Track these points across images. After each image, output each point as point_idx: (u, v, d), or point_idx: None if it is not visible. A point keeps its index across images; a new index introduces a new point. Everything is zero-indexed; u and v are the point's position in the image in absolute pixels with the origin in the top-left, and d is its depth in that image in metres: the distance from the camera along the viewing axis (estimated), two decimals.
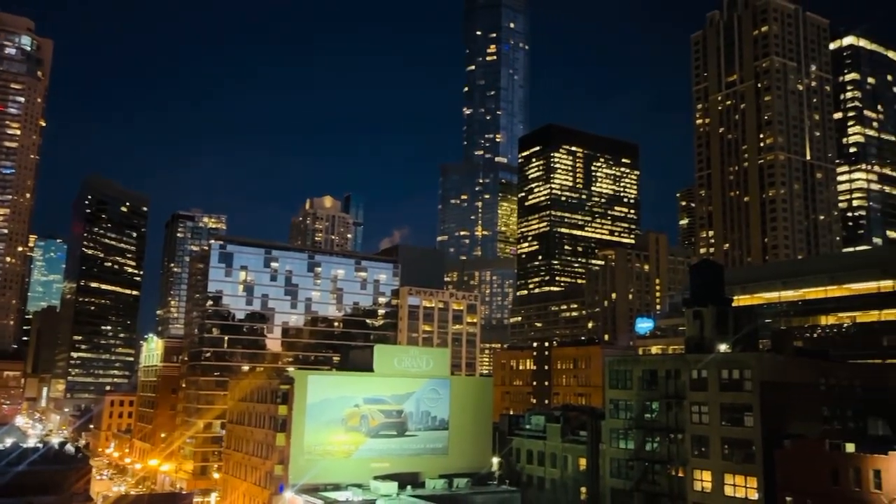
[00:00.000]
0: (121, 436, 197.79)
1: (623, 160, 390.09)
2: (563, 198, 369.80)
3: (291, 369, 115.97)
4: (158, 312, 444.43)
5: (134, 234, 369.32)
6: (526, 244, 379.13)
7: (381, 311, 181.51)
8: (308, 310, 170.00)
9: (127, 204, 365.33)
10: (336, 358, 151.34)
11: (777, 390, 67.67)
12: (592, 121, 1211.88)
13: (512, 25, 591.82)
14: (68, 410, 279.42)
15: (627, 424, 77.99)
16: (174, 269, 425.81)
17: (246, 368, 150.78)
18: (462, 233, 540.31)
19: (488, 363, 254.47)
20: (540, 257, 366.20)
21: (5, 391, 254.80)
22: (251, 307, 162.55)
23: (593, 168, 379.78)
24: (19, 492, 77.04)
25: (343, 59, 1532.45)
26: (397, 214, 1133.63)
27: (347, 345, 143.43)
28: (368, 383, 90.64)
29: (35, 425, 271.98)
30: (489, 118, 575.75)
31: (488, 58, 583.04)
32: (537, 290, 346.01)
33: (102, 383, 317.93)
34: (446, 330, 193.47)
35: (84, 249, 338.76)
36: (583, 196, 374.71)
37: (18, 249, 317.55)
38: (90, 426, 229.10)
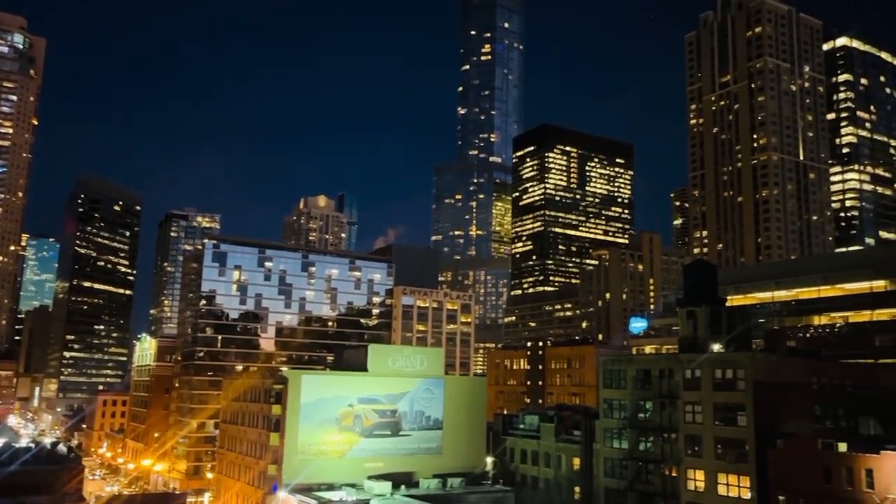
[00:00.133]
0: (113, 435, 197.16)
1: (617, 160, 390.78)
2: (558, 198, 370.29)
3: (285, 369, 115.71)
4: (152, 312, 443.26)
5: (127, 234, 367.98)
6: (520, 244, 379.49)
7: (376, 311, 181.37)
8: (302, 309, 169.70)
9: (120, 203, 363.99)
10: (330, 358, 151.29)
11: (770, 390, 67.92)
12: (587, 121, 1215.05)
13: (506, 25, 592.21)
14: (61, 410, 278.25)
15: (621, 424, 78.14)
16: (168, 269, 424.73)
17: (240, 368, 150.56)
18: (456, 232, 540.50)
19: (482, 363, 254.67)
20: (534, 257, 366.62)
21: None
22: (245, 307, 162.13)
23: (587, 168, 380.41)
24: (11, 492, 76.71)
25: (337, 60, 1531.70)
26: (392, 214, 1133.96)
27: (341, 344, 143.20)
28: (362, 383, 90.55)
29: (27, 425, 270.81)
30: (483, 118, 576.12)
31: (483, 57, 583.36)
32: (531, 290, 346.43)
33: (95, 383, 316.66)
34: (440, 330, 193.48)
35: (77, 248, 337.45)
36: (577, 196, 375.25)
37: (11, 248, 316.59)
38: (83, 426, 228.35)
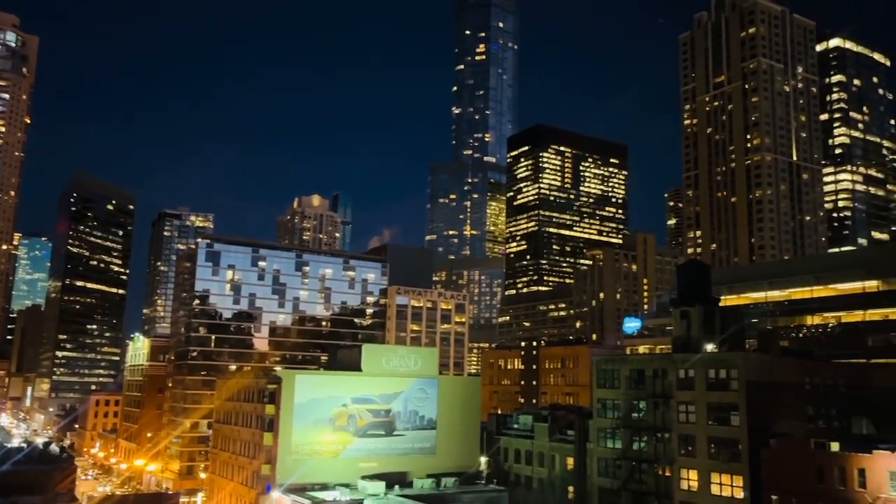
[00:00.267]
0: (106, 435, 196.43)
1: (611, 160, 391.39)
2: (552, 198, 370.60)
3: (279, 369, 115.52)
4: (145, 311, 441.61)
5: (120, 233, 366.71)
6: (514, 244, 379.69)
7: (370, 311, 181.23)
8: (296, 309, 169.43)
9: (113, 202, 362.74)
10: (324, 357, 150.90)
11: (763, 390, 68.11)
12: (581, 121, 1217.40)
13: (501, 25, 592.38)
14: (53, 410, 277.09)
15: (615, 424, 78.24)
16: (161, 268, 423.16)
17: (233, 368, 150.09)
18: (450, 232, 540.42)
19: (476, 362, 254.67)
20: (528, 257, 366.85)
21: None
22: (238, 306, 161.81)
23: (581, 168, 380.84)
24: (3, 492, 76.37)
25: (331, 59, 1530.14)
26: (386, 214, 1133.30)
27: (335, 344, 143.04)
28: (356, 383, 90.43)
29: (19, 425, 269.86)
30: (478, 118, 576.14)
31: (477, 57, 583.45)
32: (525, 290, 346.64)
33: (88, 383, 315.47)
34: (434, 329, 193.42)
35: (69, 248, 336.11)
36: (571, 196, 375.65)
37: (3, 247, 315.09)
38: (75, 426, 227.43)
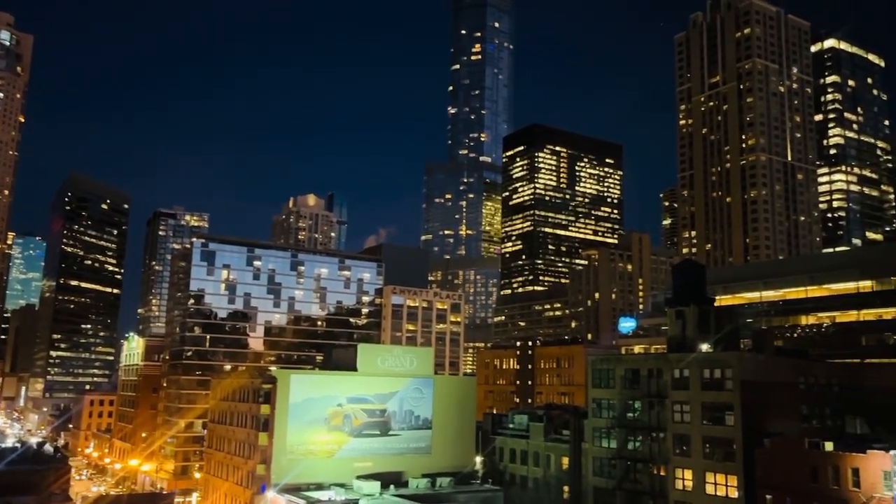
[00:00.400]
0: (100, 435, 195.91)
1: (607, 160, 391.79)
2: (547, 197, 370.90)
3: (274, 368, 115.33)
4: (139, 311, 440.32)
5: (115, 232, 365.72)
6: (510, 243, 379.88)
7: (365, 311, 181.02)
8: (291, 309, 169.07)
9: (108, 201, 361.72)
10: (319, 357, 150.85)
11: (757, 389, 68.29)
12: (577, 121, 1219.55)
13: (497, 25, 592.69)
14: (47, 410, 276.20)
15: (610, 423, 78.37)
16: (156, 268, 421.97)
17: (228, 368, 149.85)
18: (446, 232, 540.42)
19: (472, 362, 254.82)
20: (524, 257, 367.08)
21: None
22: (233, 306, 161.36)
23: (577, 168, 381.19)
24: None
25: (327, 59, 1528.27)
26: (382, 213, 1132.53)
27: (331, 344, 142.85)
28: (352, 383, 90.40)
29: (13, 425, 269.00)
30: (474, 117, 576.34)
31: (473, 57, 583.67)
32: (521, 290, 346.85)
33: (82, 382, 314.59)
34: (430, 329, 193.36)
35: (64, 247, 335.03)
36: (566, 196, 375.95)
37: None
38: (69, 426, 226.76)
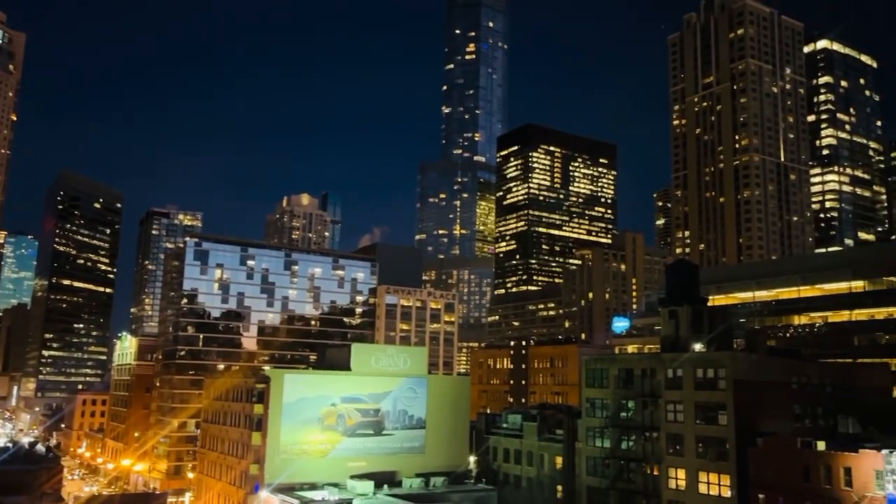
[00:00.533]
0: (93, 435, 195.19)
1: (600, 160, 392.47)
2: (541, 197, 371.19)
3: (267, 368, 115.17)
4: (132, 310, 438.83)
5: (107, 231, 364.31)
6: (504, 243, 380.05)
7: (359, 310, 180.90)
8: (285, 308, 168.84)
9: (100, 200, 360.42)
10: (313, 357, 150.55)
11: (750, 389, 68.52)
12: (570, 121, 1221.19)
13: (491, 24, 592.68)
14: (39, 409, 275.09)
15: (603, 423, 78.49)
16: (149, 267, 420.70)
17: (221, 367, 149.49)
18: (440, 231, 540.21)
19: (466, 362, 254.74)
20: (517, 256, 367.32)
21: None
22: (227, 305, 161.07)
23: (571, 168, 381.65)
24: None
25: (320, 59, 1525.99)
26: (376, 213, 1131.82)
27: (324, 343, 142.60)
28: (345, 382, 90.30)
29: (5, 424, 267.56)
30: (468, 117, 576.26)
31: (467, 57, 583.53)
32: (515, 290, 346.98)
33: (74, 382, 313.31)
34: (424, 329, 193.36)
35: (56, 246, 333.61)
36: (560, 196, 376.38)
37: None
38: (61, 425, 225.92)
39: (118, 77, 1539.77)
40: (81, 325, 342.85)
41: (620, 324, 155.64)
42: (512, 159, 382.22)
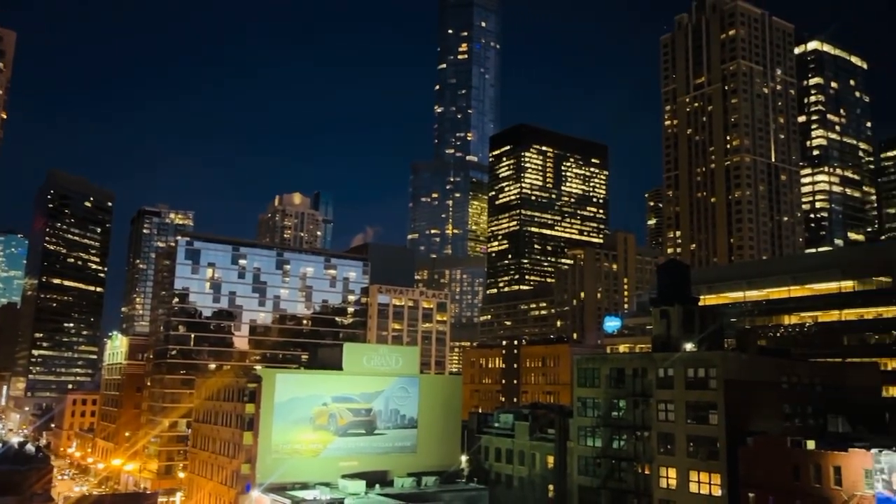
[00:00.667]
0: (83, 435, 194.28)
1: (592, 160, 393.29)
2: (533, 197, 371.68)
3: (259, 367, 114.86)
4: (123, 309, 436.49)
5: (98, 230, 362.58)
6: (496, 243, 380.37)
7: (351, 309, 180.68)
8: (276, 307, 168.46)
9: (91, 199, 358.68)
10: (305, 356, 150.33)
11: (741, 388, 68.83)
12: (563, 121, 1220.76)
13: (483, 24, 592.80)
14: (29, 409, 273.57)
15: (595, 422, 78.70)
16: (140, 266, 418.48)
17: (213, 367, 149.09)
18: (432, 231, 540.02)
19: (458, 361, 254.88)
20: (510, 256, 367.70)
21: None
22: (218, 305, 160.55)
23: (563, 168, 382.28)
24: None
25: (313, 59, 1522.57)
26: (368, 212, 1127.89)
27: (316, 343, 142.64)
28: (337, 382, 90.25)
29: None
30: (460, 117, 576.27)
31: (460, 56, 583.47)
32: (507, 289, 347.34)
33: (64, 382, 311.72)
34: (416, 328, 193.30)
35: (46, 245, 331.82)
36: (552, 196, 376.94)
37: None
38: (51, 425, 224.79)
39: (109, 76, 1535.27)
40: (72, 325, 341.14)
41: (612, 323, 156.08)
42: (504, 159, 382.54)
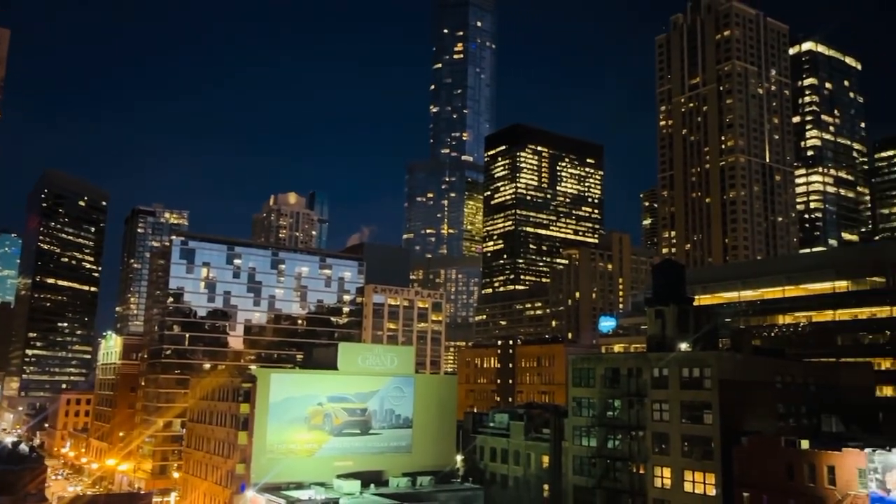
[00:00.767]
0: (77, 435, 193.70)
1: (588, 160, 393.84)
2: (529, 197, 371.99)
3: (254, 367, 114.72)
4: (117, 309, 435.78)
5: (92, 230, 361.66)
6: (491, 243, 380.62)
7: (346, 309, 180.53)
8: (271, 307, 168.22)
9: (85, 198, 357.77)
10: (300, 356, 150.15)
11: (735, 388, 68.98)
12: (558, 121, 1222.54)
13: (479, 24, 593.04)
14: (22, 409, 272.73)
15: (590, 422, 78.78)
16: (134, 266, 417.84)
17: (207, 366, 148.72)
18: (428, 231, 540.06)
19: (453, 361, 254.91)
20: (505, 256, 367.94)
21: None
22: (213, 304, 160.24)
23: (558, 168, 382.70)
24: None
25: (309, 58, 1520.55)
26: (363, 212, 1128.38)
27: (311, 343, 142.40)
28: (332, 381, 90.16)
29: None
30: (456, 116, 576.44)
31: (455, 56, 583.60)
32: (502, 289, 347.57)
33: (58, 381, 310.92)
34: (411, 328, 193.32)
35: (40, 244, 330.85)
36: (548, 196, 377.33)
37: None
38: (45, 425, 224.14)
39: (104, 75, 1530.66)
40: (66, 324, 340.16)
41: (607, 323, 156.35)
42: (499, 159, 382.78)
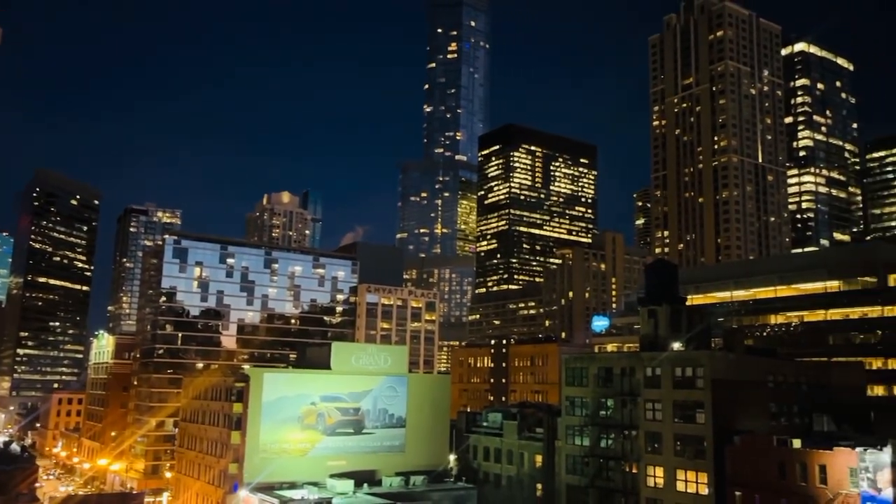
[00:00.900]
0: (69, 435, 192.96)
1: (581, 160, 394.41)
2: (522, 197, 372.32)
3: (247, 367, 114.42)
4: (110, 308, 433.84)
5: (84, 228, 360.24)
6: (485, 242, 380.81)
7: (339, 309, 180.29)
8: (264, 307, 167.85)
9: (77, 197, 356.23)
10: (293, 355, 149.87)
11: (728, 388, 69.24)
12: (552, 120, 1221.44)
13: (473, 24, 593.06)
14: (14, 409, 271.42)
15: (583, 421, 78.95)
16: (127, 265, 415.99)
17: (200, 366, 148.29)
18: (421, 230, 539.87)
19: (446, 361, 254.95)
20: (498, 255, 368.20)
21: None
22: (206, 304, 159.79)
23: (552, 168, 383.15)
24: None
25: (303, 57, 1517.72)
26: (357, 211, 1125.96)
27: (304, 342, 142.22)
28: (325, 381, 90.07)
29: None
30: (449, 116, 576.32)
31: (449, 55, 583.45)
32: (496, 288, 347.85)
33: (50, 381, 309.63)
34: (405, 327, 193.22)
35: (31, 243, 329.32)
36: (541, 195, 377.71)
37: None
38: (37, 425, 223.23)
39: (96, 74, 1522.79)
40: (57, 324, 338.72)
41: (600, 323, 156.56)
42: (493, 159, 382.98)
